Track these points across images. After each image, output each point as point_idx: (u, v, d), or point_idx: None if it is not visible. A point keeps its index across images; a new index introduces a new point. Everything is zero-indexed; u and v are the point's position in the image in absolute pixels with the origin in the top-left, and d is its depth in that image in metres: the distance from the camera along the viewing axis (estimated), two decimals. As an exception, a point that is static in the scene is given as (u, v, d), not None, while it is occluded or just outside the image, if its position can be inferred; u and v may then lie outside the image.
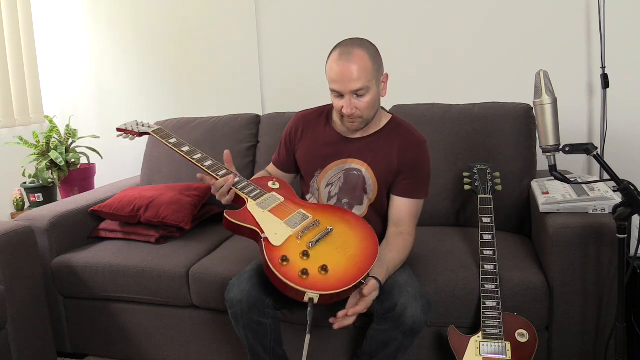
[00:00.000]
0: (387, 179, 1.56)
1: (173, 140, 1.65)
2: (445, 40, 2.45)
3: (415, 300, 1.34)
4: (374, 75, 1.43)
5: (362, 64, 1.40)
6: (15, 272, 1.77)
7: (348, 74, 1.40)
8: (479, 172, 1.78)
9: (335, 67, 1.42)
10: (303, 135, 1.66)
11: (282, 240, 1.35)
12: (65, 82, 3.11)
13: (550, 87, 1.29)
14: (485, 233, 1.63)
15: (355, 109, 1.45)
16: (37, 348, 1.85)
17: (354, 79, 1.40)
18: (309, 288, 1.25)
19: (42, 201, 2.71)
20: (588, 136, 2.33)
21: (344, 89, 1.42)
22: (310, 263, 1.30)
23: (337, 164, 1.59)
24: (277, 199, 1.49)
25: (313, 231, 1.39)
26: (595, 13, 2.20)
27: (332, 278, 1.27)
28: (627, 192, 1.25)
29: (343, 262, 1.32)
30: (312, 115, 1.68)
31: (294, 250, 1.33)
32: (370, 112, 1.49)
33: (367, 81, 1.41)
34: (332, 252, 1.33)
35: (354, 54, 1.41)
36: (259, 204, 1.45)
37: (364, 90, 1.42)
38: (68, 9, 3.02)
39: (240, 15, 2.73)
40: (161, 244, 2.02)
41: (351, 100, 1.43)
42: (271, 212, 1.44)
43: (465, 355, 1.49)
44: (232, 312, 1.44)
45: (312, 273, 1.28)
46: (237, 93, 2.80)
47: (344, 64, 1.40)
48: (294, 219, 1.42)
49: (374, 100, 1.46)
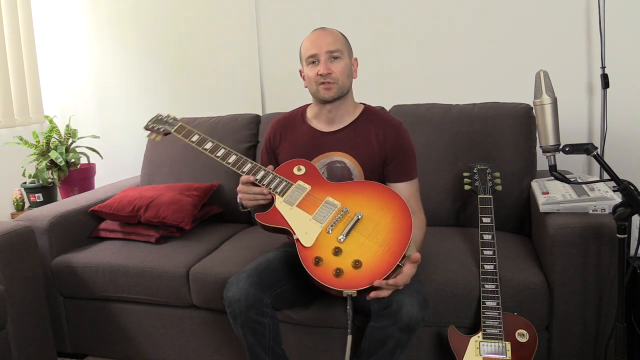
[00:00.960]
0: (371, 165, 1.60)
1: (195, 138, 1.61)
2: (445, 40, 2.45)
3: (412, 297, 1.34)
4: (346, 47, 1.57)
5: (336, 33, 1.57)
6: (15, 272, 1.77)
7: (324, 37, 1.54)
8: (479, 172, 1.78)
9: (311, 36, 1.57)
10: (282, 139, 1.69)
11: (313, 239, 1.37)
12: (65, 82, 3.11)
13: (550, 87, 1.29)
14: (485, 233, 1.63)
15: (331, 71, 1.53)
16: (37, 348, 1.84)
17: (329, 42, 1.53)
18: (344, 287, 1.29)
19: (42, 201, 2.71)
20: (588, 136, 2.33)
21: (319, 50, 1.53)
22: (343, 260, 1.33)
23: (319, 159, 1.62)
24: (303, 189, 1.48)
25: (343, 220, 1.40)
26: (595, 13, 2.20)
27: (367, 271, 1.30)
28: (627, 192, 1.25)
29: (376, 250, 1.33)
30: (287, 119, 1.72)
31: (326, 248, 1.35)
32: (344, 79, 1.55)
33: (342, 46, 1.55)
34: (365, 242, 1.35)
35: (326, 28, 1.59)
36: (287, 199, 1.47)
37: (339, 53, 1.53)
38: (68, 9, 3.02)
39: (240, 15, 2.73)
40: (161, 244, 2.02)
41: (327, 62, 1.53)
42: (299, 206, 1.45)
43: (465, 355, 1.49)
44: (230, 310, 1.44)
45: (347, 270, 1.31)
46: (237, 93, 2.80)
47: (320, 32, 1.57)
48: (322, 211, 1.43)
49: (347, 69, 1.56)
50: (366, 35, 2.54)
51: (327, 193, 1.48)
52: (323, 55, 1.52)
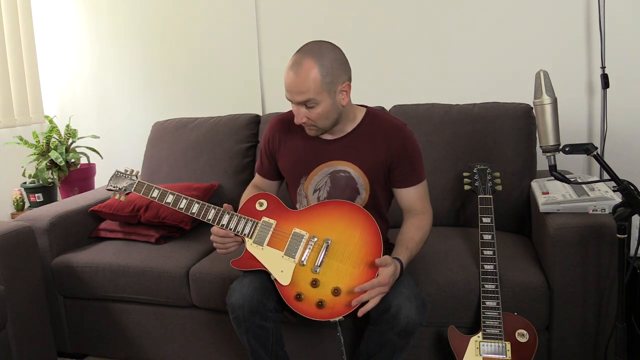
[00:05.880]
0: (376, 172, 1.53)
1: (155, 193, 1.57)
2: (445, 40, 2.45)
3: (409, 301, 1.34)
4: (324, 88, 1.39)
5: (309, 76, 1.37)
6: (15, 272, 1.77)
7: (294, 86, 1.39)
8: (479, 172, 1.78)
9: (286, 77, 1.41)
10: (281, 143, 1.62)
11: (289, 276, 1.39)
12: (65, 82, 3.11)
13: (550, 87, 1.29)
14: (485, 233, 1.62)
15: (306, 119, 1.44)
16: (37, 348, 1.85)
17: (299, 91, 1.38)
18: (329, 317, 1.33)
19: (42, 201, 2.71)
20: (588, 136, 2.33)
21: (291, 99, 1.42)
22: (322, 290, 1.36)
23: (321, 168, 1.56)
24: (269, 226, 1.47)
25: (314, 250, 1.40)
26: (595, 13, 2.20)
27: (348, 296, 1.33)
28: (627, 192, 1.25)
29: (352, 272, 1.35)
30: (288, 121, 1.61)
31: (304, 282, 1.38)
32: (323, 122, 1.45)
33: (315, 94, 1.38)
34: (339, 266, 1.36)
35: (302, 65, 1.37)
36: (256, 240, 1.46)
37: (312, 102, 1.40)
38: (68, 9, 3.02)
39: (240, 15, 2.73)
40: (161, 244, 2.02)
41: (300, 109, 1.42)
42: (270, 245, 1.45)
43: (465, 355, 1.49)
44: (233, 317, 1.43)
45: (328, 300, 1.35)
46: (237, 93, 2.80)
47: (292, 75, 1.39)
48: (292, 244, 1.43)
49: (326, 111, 1.42)
50: (366, 36, 2.54)
51: (293, 224, 1.46)
52: (296, 105, 1.42)
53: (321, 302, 1.35)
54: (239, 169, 2.33)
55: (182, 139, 2.43)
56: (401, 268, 1.37)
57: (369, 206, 1.56)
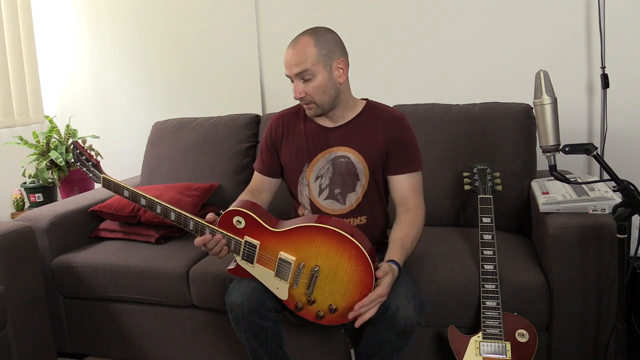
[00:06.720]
0: (376, 159, 1.56)
1: (127, 194, 1.58)
2: (445, 40, 2.45)
3: (408, 301, 1.34)
4: (319, 60, 1.46)
5: (305, 49, 1.47)
6: (15, 272, 1.77)
7: (291, 58, 1.48)
8: (479, 172, 1.78)
9: (285, 55, 1.50)
10: (284, 134, 1.65)
11: (286, 293, 1.41)
12: (65, 82, 3.11)
13: (550, 87, 1.29)
14: (485, 233, 1.62)
15: (304, 93, 1.49)
16: (37, 348, 1.85)
17: (296, 63, 1.47)
18: (329, 324, 1.40)
19: (42, 201, 2.71)
20: (588, 136, 2.33)
21: (289, 72, 1.49)
22: (319, 306, 1.39)
23: (323, 154, 1.59)
24: (254, 247, 1.44)
25: (303, 276, 1.40)
26: (595, 13, 2.20)
27: (344, 312, 1.34)
28: (627, 192, 1.25)
29: (344, 292, 1.36)
30: (288, 115, 1.67)
31: (300, 298, 1.41)
32: (321, 97, 1.49)
33: (311, 64, 1.46)
34: (332, 289, 1.37)
35: (299, 40, 1.49)
36: (245, 258, 1.45)
37: (309, 74, 1.46)
38: (68, 9, 3.02)
39: (240, 15, 2.73)
40: (161, 244, 2.02)
41: (298, 84, 1.49)
42: (259, 263, 1.44)
43: (465, 355, 1.49)
44: (232, 315, 1.43)
45: (326, 313, 1.38)
46: (237, 93, 2.80)
47: (289, 49, 1.49)
48: (281, 268, 1.41)
49: (323, 85, 1.48)
50: (366, 36, 2.54)
51: (277, 246, 1.41)
52: (294, 78, 1.49)
53: (320, 314, 1.39)
54: (239, 169, 2.33)
55: (182, 139, 2.43)
56: (399, 269, 1.37)
57: (368, 192, 1.57)
